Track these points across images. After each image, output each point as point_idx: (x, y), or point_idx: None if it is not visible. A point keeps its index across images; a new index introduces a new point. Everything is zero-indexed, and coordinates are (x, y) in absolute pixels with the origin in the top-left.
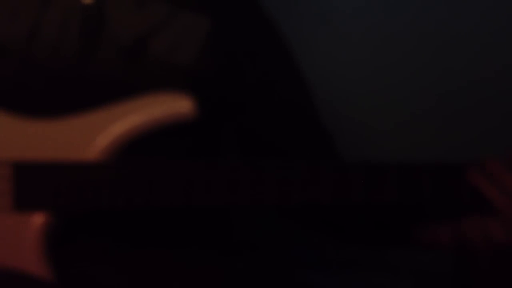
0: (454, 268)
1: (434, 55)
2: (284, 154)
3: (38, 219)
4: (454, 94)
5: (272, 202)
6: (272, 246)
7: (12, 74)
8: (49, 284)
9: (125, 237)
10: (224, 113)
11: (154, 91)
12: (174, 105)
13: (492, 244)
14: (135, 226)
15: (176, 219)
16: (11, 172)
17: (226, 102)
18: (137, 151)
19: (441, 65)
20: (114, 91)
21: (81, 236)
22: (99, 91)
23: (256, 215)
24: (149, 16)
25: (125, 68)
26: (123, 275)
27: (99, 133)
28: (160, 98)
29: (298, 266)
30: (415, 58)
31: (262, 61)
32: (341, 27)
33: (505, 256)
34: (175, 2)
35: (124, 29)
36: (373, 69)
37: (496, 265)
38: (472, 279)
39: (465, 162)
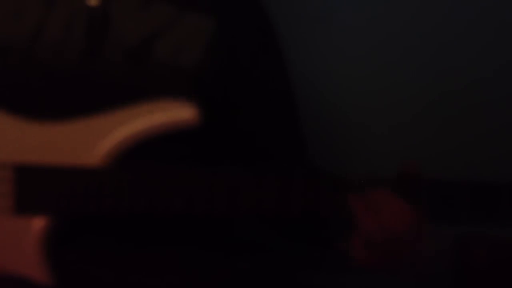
0: (454, 268)
1: (433, 56)
2: (266, 156)
3: (38, 222)
4: (453, 95)
5: (271, 211)
6: (273, 246)
7: (16, 74)
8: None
9: (125, 238)
10: (226, 114)
11: (158, 93)
12: (177, 112)
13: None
14: (135, 227)
15: (177, 219)
16: (13, 175)
17: (228, 103)
18: (138, 156)
19: (439, 66)
20: (118, 93)
21: (81, 238)
22: (103, 93)
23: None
24: (154, 18)
25: (129, 70)
26: (123, 277)
27: (101, 138)
28: (164, 105)
29: (299, 267)
30: (413, 58)
31: (263, 63)
32: (339, 27)
33: (502, 257)
34: (179, 4)
35: (129, 31)
36: (371, 69)
37: (494, 266)
38: (469, 279)
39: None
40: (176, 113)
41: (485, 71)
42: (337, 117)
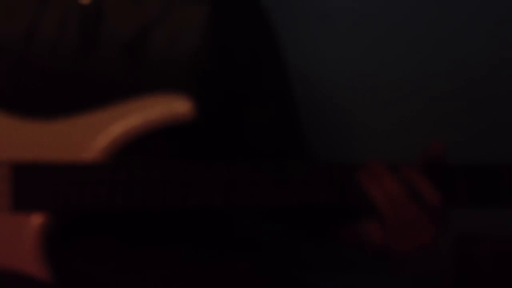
0: (454, 268)
1: (431, 54)
2: (258, 152)
3: (36, 220)
4: (452, 93)
5: (268, 203)
6: (273, 246)
7: (10, 74)
8: (48, 285)
9: (124, 236)
10: (222, 108)
11: (154, 88)
12: (173, 106)
13: (373, 247)
14: (134, 225)
15: (176, 218)
16: (10, 173)
17: (225, 96)
18: (134, 151)
19: (438, 64)
20: (114, 90)
21: (80, 235)
22: (99, 90)
23: (256, 214)
24: (147, 9)
25: (125, 66)
26: (122, 274)
27: (98, 133)
28: (159, 99)
29: (298, 267)
30: (411, 56)
31: (255, 54)
32: (338, 25)
33: (505, 257)
34: None
35: (123, 26)
36: (369, 67)
37: (495, 266)
38: (471, 279)
39: (354, 163)
40: (172, 107)
41: (484, 69)
42: (337, 115)
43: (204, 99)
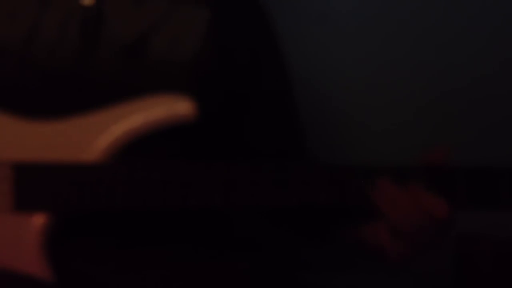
0: (454, 268)
1: (431, 55)
2: (256, 151)
3: (38, 220)
4: (452, 94)
5: (268, 203)
6: (273, 246)
7: (12, 75)
8: (49, 285)
9: (125, 236)
10: (223, 109)
11: (155, 90)
12: (174, 107)
13: (373, 248)
14: (134, 225)
15: (176, 218)
16: (12, 173)
17: (225, 98)
18: (135, 151)
19: (438, 65)
20: (115, 91)
21: (80, 235)
22: (100, 91)
23: (257, 214)
24: (148, 13)
25: (125, 67)
26: (122, 274)
27: (99, 134)
28: (161, 100)
29: (298, 266)
30: (411, 57)
31: (260, 57)
32: (338, 25)
33: (505, 257)
34: None
35: (124, 28)
36: (369, 68)
37: (495, 266)
38: (471, 279)
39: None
40: (173, 108)
41: (484, 69)
42: (337, 115)
43: (204, 99)
